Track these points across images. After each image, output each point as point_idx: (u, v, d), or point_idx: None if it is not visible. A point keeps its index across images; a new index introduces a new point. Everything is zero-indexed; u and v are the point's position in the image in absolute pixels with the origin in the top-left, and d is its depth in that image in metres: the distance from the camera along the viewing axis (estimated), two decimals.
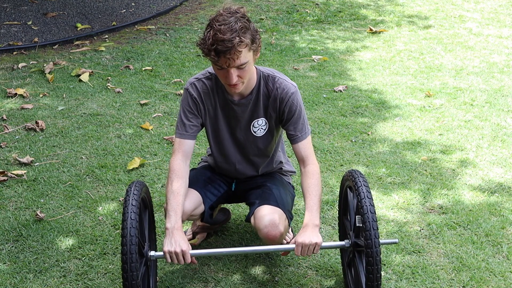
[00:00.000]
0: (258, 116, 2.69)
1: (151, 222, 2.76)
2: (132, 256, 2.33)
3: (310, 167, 2.67)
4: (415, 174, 3.72)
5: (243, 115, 2.68)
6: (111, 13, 6.89)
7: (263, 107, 2.67)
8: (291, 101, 2.64)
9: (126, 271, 2.34)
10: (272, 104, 2.66)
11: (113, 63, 5.43)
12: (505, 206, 3.42)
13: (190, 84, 2.68)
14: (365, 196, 2.45)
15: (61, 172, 3.71)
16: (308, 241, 2.48)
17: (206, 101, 2.67)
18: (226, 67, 2.44)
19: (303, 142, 2.68)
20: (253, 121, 2.70)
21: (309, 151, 2.69)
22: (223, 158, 2.82)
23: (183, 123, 2.68)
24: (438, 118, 4.45)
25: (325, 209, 3.37)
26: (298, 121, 2.67)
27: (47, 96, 4.73)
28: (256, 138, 2.74)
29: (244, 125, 2.71)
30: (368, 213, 2.41)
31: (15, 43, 5.91)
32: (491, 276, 2.89)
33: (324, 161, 3.85)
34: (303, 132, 2.68)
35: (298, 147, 2.69)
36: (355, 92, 4.89)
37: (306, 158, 2.68)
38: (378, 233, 2.39)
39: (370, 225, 2.39)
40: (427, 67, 5.44)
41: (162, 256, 2.52)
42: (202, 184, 2.84)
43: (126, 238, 2.35)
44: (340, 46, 5.98)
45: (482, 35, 6.32)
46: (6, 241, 3.11)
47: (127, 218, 2.38)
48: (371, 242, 2.38)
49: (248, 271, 2.93)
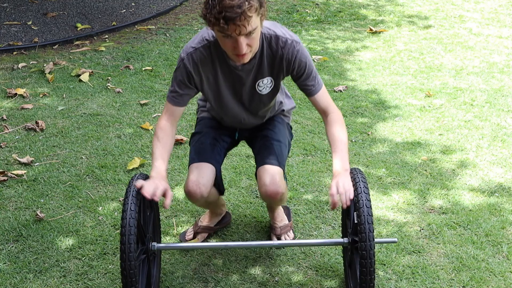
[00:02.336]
0: (262, 76, 2.64)
1: (156, 216, 2.77)
2: (131, 246, 2.32)
3: (332, 116, 2.66)
4: (415, 174, 3.72)
5: (247, 78, 2.63)
6: (111, 13, 6.89)
7: (268, 67, 2.61)
8: (299, 59, 2.58)
9: (124, 260, 2.32)
10: (278, 64, 2.60)
11: (113, 63, 5.43)
12: (505, 206, 3.42)
13: (186, 55, 2.57)
14: (362, 191, 2.44)
15: (61, 172, 3.71)
16: (348, 186, 2.46)
17: (204, 71, 2.60)
18: (236, 35, 2.32)
19: (319, 94, 2.66)
20: (258, 81, 2.65)
21: (327, 100, 2.68)
22: (227, 117, 2.83)
23: (176, 91, 2.62)
24: (438, 118, 4.45)
25: (325, 209, 3.37)
26: (310, 75, 2.63)
27: (47, 96, 4.73)
28: (261, 96, 2.72)
29: (249, 87, 2.67)
30: (363, 207, 2.40)
31: (15, 43, 5.91)
32: (491, 276, 2.89)
33: (324, 161, 3.85)
34: (316, 84, 2.65)
35: (315, 99, 2.67)
36: (355, 92, 4.89)
37: (326, 108, 2.66)
38: (373, 227, 2.37)
39: (365, 219, 2.38)
40: (427, 67, 5.44)
41: (165, 247, 2.67)
42: (209, 151, 2.82)
43: (125, 228, 2.34)
44: (340, 46, 5.98)
45: (482, 35, 6.32)
46: (6, 241, 3.11)
47: (127, 209, 2.37)
48: (365, 236, 2.36)
49: (248, 271, 2.93)
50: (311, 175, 3.69)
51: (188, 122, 4.34)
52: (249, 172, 3.72)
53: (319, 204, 3.42)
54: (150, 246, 2.56)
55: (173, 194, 2.52)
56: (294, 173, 3.71)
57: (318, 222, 3.27)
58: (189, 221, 3.29)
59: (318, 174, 3.71)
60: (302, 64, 2.59)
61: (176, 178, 3.67)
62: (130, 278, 2.34)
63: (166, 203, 2.44)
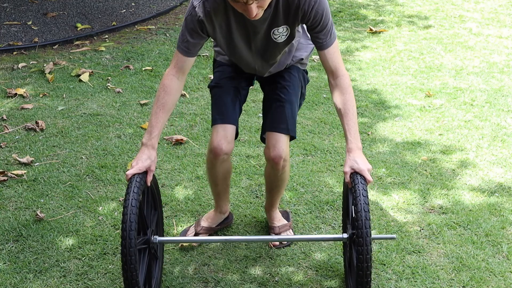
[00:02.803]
0: (278, 24, 2.55)
1: (159, 211, 2.79)
2: (131, 241, 2.31)
3: (340, 80, 2.56)
4: (415, 174, 3.72)
5: (262, 26, 2.55)
6: (111, 13, 6.89)
7: (284, 15, 2.52)
8: (315, 10, 2.47)
9: (125, 254, 2.32)
10: (294, 14, 2.50)
11: (113, 63, 5.43)
12: (505, 206, 3.42)
13: (198, 3, 2.48)
14: (358, 182, 2.42)
15: (61, 172, 3.71)
16: (364, 167, 2.44)
17: (217, 19, 2.52)
18: (244, 2, 2.26)
19: (330, 50, 2.55)
20: (273, 29, 2.57)
21: (337, 60, 2.56)
22: (241, 65, 2.81)
23: (186, 40, 2.54)
24: (438, 118, 4.45)
25: (325, 209, 3.37)
26: (324, 28, 2.52)
27: (47, 96, 4.73)
28: (277, 44, 2.64)
29: (264, 35, 2.59)
30: (360, 197, 2.37)
31: (15, 43, 5.91)
32: (491, 276, 2.89)
33: (324, 161, 3.85)
34: (328, 37, 2.54)
35: (324, 56, 2.57)
36: (355, 92, 4.86)
37: (335, 68, 2.56)
38: (369, 215, 2.35)
39: (361, 208, 2.34)
40: (427, 67, 5.44)
41: (167, 241, 2.76)
42: (231, 110, 2.82)
43: (126, 223, 2.34)
44: (340, 46, 5.98)
45: (482, 35, 6.32)
46: (6, 241, 3.11)
47: (128, 205, 2.37)
48: (361, 223, 2.33)
49: (248, 271, 2.93)
50: (311, 175, 3.69)
51: (188, 122, 4.34)
52: (249, 172, 3.72)
53: (319, 204, 3.42)
54: (152, 239, 2.57)
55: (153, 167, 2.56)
56: (294, 173, 3.71)
57: (318, 222, 3.27)
58: (189, 221, 3.29)
59: (318, 174, 3.71)
60: (318, 16, 2.49)
61: (176, 178, 3.68)
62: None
63: (147, 180, 2.51)
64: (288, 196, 3.49)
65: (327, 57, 2.56)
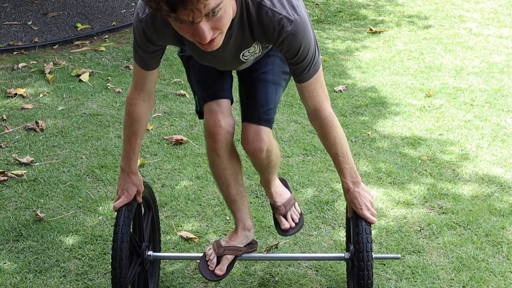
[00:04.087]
0: (247, 46, 2.09)
1: (154, 223, 2.75)
2: (122, 254, 2.27)
3: (322, 123, 2.19)
4: (415, 174, 3.72)
5: (227, 53, 2.10)
6: (111, 13, 6.89)
7: (251, 34, 2.02)
8: (288, 44, 1.97)
9: (115, 268, 2.26)
10: (262, 36, 2.00)
11: (113, 63, 5.43)
12: (505, 206, 3.42)
13: (144, 16, 1.99)
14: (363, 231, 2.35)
15: (61, 172, 3.71)
16: (363, 206, 2.27)
17: (165, 40, 2.07)
18: (190, 22, 1.68)
19: (308, 86, 2.10)
20: (242, 52, 2.13)
21: (318, 97, 2.13)
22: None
23: (139, 53, 2.12)
24: (438, 118, 4.45)
25: (325, 209, 3.37)
26: (300, 63, 2.05)
27: (47, 96, 4.73)
28: (249, 62, 2.27)
29: (230, 58, 2.15)
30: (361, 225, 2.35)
31: (15, 43, 5.91)
32: (491, 276, 2.89)
33: (324, 161, 3.85)
34: (306, 72, 2.07)
35: (301, 91, 2.13)
36: (355, 92, 4.89)
37: (314, 109, 2.17)
38: (371, 244, 2.32)
39: (363, 230, 2.33)
40: (427, 67, 5.44)
41: (162, 257, 2.53)
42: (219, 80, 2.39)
43: (117, 235, 2.28)
44: (340, 46, 5.98)
45: (482, 35, 6.32)
46: (6, 241, 3.11)
47: (120, 216, 2.33)
48: (362, 246, 2.30)
49: (248, 271, 2.93)
50: (311, 175, 3.69)
51: (188, 122, 4.34)
52: (249, 172, 3.72)
53: (319, 204, 3.42)
54: (145, 256, 2.53)
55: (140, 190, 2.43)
56: (294, 173, 3.71)
57: (318, 222, 3.27)
58: (189, 221, 3.29)
59: (318, 174, 3.71)
60: (292, 50, 2.02)
61: (176, 178, 3.67)
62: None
63: (138, 199, 2.40)
64: None
65: (305, 94, 2.15)
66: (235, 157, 2.50)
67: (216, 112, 2.36)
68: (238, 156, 2.52)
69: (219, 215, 3.33)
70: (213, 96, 2.37)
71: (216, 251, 2.55)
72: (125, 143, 2.35)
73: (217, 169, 2.49)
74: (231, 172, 2.50)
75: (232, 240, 2.59)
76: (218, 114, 2.35)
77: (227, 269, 2.55)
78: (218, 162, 2.46)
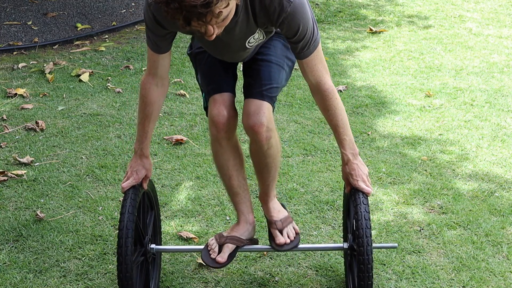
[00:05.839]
0: (252, 33, 2.26)
1: (156, 222, 2.78)
2: (127, 249, 2.31)
3: (323, 95, 2.33)
4: (415, 174, 3.72)
5: (234, 43, 2.29)
6: (111, 13, 6.89)
7: (255, 20, 2.21)
8: (287, 24, 2.15)
9: (121, 263, 2.32)
10: (265, 18, 2.18)
11: (113, 63, 5.43)
12: (505, 206, 3.42)
13: (147, 7, 2.20)
14: (360, 202, 2.41)
15: (61, 172, 3.71)
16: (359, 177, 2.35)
17: (171, 26, 2.24)
18: (203, 33, 1.95)
19: (309, 61, 2.27)
20: (248, 39, 2.29)
21: (318, 71, 2.28)
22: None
23: (151, 36, 2.28)
24: (438, 118, 4.45)
25: (325, 209, 3.37)
26: (300, 41, 2.23)
27: (47, 96, 4.73)
28: (254, 48, 2.42)
29: (238, 47, 2.33)
30: (360, 205, 2.37)
31: (15, 43, 5.91)
32: (491, 276, 2.89)
33: (324, 161, 3.85)
34: (306, 48, 2.24)
35: (302, 67, 2.29)
36: (355, 92, 4.89)
37: (316, 82, 2.32)
38: (371, 233, 2.35)
39: (364, 225, 2.35)
40: (427, 67, 5.44)
41: (164, 249, 2.65)
42: (223, 75, 2.51)
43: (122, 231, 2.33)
44: (340, 46, 5.98)
45: (482, 35, 6.32)
46: (6, 241, 3.11)
47: (125, 212, 2.37)
48: (363, 249, 2.33)
49: (248, 271, 2.93)
50: (311, 175, 3.69)
51: (188, 122, 4.34)
52: (248, 172, 3.71)
53: (319, 204, 3.42)
54: (148, 248, 2.56)
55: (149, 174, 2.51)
56: (294, 173, 3.71)
57: (318, 222, 3.27)
58: (189, 221, 3.29)
59: (318, 174, 3.71)
60: (292, 29, 2.19)
61: (176, 178, 3.68)
62: (127, 282, 2.33)
63: (144, 186, 2.49)
64: (288, 196, 3.49)
65: (306, 69, 2.31)
66: (238, 151, 2.57)
67: (219, 101, 2.46)
68: (241, 153, 2.59)
69: (219, 215, 3.34)
70: (217, 89, 2.48)
71: (218, 241, 2.60)
72: (139, 126, 2.47)
73: (219, 159, 2.55)
74: (234, 163, 2.56)
75: (234, 231, 2.64)
76: (221, 104, 2.45)
77: (228, 258, 2.58)
78: (221, 152, 2.53)
